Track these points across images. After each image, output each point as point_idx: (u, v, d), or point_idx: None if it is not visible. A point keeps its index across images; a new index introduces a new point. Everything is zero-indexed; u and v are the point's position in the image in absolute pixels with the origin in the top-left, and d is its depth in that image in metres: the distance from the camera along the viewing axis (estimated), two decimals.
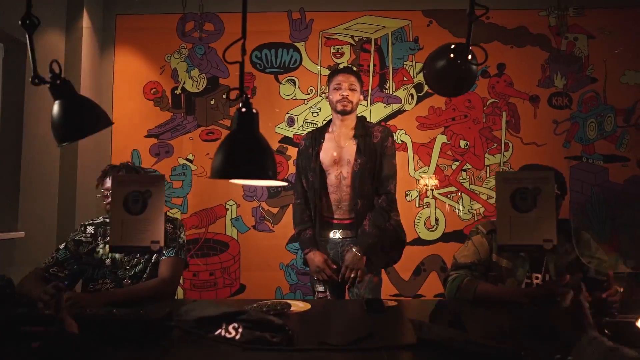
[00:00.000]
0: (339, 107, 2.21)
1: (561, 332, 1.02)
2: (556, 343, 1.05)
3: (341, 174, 2.24)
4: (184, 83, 3.49)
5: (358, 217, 2.20)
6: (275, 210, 3.41)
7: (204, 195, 3.43)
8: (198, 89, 3.49)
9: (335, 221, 2.26)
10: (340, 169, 2.24)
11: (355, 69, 2.62)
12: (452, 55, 1.25)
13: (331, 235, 2.26)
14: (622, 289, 1.44)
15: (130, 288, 1.76)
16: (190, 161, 3.45)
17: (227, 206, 3.43)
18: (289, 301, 1.59)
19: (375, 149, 2.22)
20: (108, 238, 1.88)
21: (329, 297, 2.22)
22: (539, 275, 1.75)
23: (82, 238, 1.91)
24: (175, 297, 1.95)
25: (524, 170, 2.07)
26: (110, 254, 1.89)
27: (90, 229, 1.94)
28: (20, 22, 1.22)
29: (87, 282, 1.89)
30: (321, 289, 2.21)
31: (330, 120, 2.36)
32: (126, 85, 3.50)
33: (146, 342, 1.15)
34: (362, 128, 2.28)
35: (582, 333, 0.89)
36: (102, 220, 1.98)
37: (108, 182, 1.93)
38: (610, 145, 3.40)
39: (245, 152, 1.04)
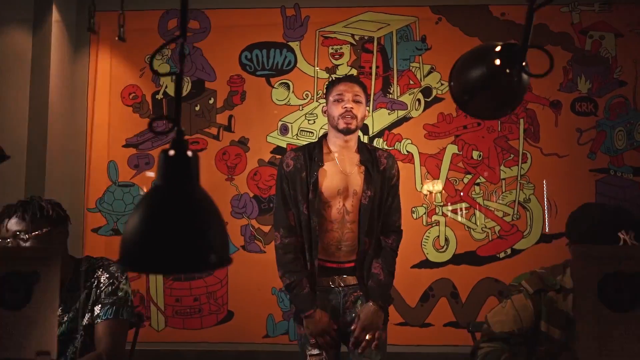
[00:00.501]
0: (342, 124, 1.82)
1: None
2: None
3: (344, 208, 1.85)
4: (166, 87, 3.15)
5: (361, 260, 1.85)
6: (266, 228, 3.07)
7: None
8: (181, 93, 3.14)
9: (333, 265, 1.88)
10: (344, 201, 1.86)
11: (357, 76, 2.32)
12: (497, 62, 0.88)
13: (330, 283, 1.87)
14: None
15: None
16: None
17: None
18: None
19: (383, 179, 1.90)
20: None
21: None
22: None
23: None
24: (154, 328, 1.57)
25: (622, 246, 1.29)
26: None
27: None
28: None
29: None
30: (315, 352, 1.81)
31: (324, 136, 1.99)
32: (103, 89, 3.16)
33: None
34: (367, 152, 1.94)
35: None
36: None
37: (12, 225, 1.47)
38: None
39: (172, 228, 0.58)
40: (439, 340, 2.96)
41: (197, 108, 3.14)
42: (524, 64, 0.85)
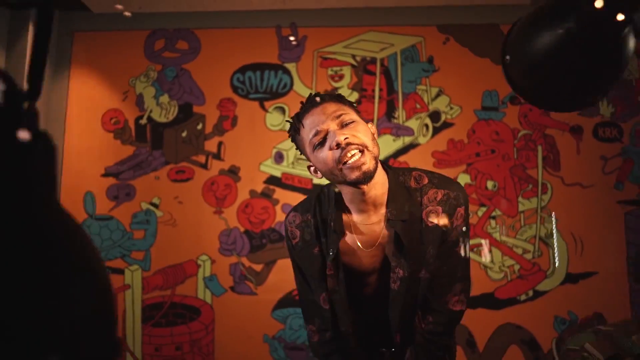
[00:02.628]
0: (351, 173, 1.14)
1: None
2: None
3: (382, 283, 1.29)
4: (151, 111, 2.89)
5: (405, 336, 1.30)
6: (259, 267, 2.75)
7: (171, 249, 2.77)
8: (167, 118, 2.89)
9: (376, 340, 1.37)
10: (379, 276, 1.30)
11: (326, 92, 1.54)
12: (599, 3, 0.58)
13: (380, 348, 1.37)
14: None
15: None
16: (156, 206, 2.81)
17: (200, 262, 2.76)
18: None
19: (432, 240, 1.22)
20: None
21: None
22: None
23: None
24: None
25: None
26: None
27: None
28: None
29: None
30: None
31: (330, 191, 1.34)
32: (82, 113, 2.90)
33: None
34: (402, 196, 1.24)
35: None
36: None
37: None
38: None
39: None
40: None
41: (184, 134, 2.87)
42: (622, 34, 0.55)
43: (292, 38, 2.92)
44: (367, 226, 1.26)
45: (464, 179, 2.78)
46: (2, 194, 0.28)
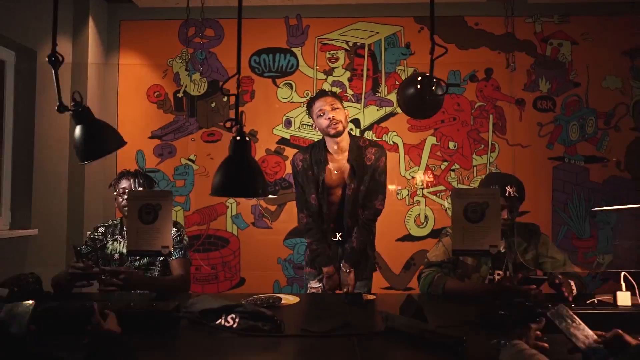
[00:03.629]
0: (332, 131, 2.23)
1: (507, 322, 1.24)
2: (500, 332, 1.28)
3: (342, 194, 2.34)
4: (186, 87, 3.66)
5: (345, 234, 2.36)
6: (273, 208, 3.60)
7: (205, 194, 3.60)
8: (199, 92, 3.66)
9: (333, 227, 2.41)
10: (341, 190, 2.34)
11: (327, 90, 2.70)
12: (419, 86, 1.42)
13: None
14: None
15: (157, 278, 2.08)
16: (193, 161, 3.62)
17: (228, 204, 3.61)
18: (280, 295, 1.79)
19: (367, 172, 2.30)
20: (116, 236, 2.20)
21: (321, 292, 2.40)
22: (501, 272, 1.97)
23: (95, 236, 2.21)
24: (190, 281, 2.18)
25: (475, 187, 2.05)
26: (118, 250, 2.18)
27: (101, 230, 2.24)
28: (47, 59, 1.41)
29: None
30: (316, 285, 2.38)
31: (322, 141, 2.38)
32: (130, 88, 3.66)
33: (159, 331, 1.37)
34: (357, 149, 2.33)
35: (508, 341, 1.09)
36: (110, 223, 2.26)
37: (123, 183, 2.17)
38: (591, 147, 3.58)
39: (240, 175, 1.29)
40: None
41: (213, 105, 3.65)
42: (433, 88, 1.38)
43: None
44: (337, 161, 2.34)
45: (431, 140, 3.60)
46: (245, 153, 1.14)
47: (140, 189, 2.13)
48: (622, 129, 3.57)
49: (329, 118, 2.22)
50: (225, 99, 3.65)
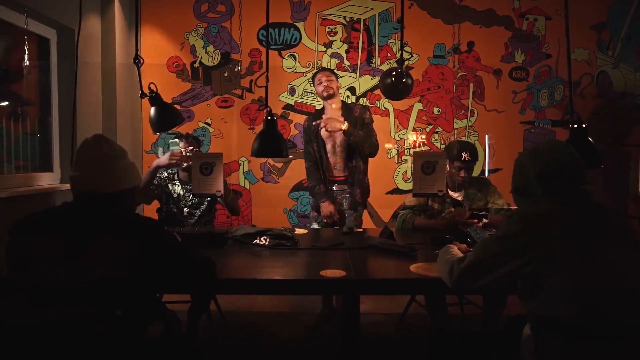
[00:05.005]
0: (324, 94, 2.93)
1: (449, 241, 1.84)
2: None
3: (335, 144, 2.96)
4: (201, 58, 4.13)
5: (350, 174, 2.98)
6: (279, 165, 4.15)
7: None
8: (213, 63, 4.13)
9: (333, 178, 3.02)
10: (334, 140, 2.96)
11: (326, 67, 3.32)
12: (392, 79, 1.95)
13: (333, 187, 3.02)
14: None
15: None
16: (209, 124, 4.15)
17: (240, 162, 4.16)
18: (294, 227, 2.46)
19: (356, 122, 2.93)
20: (175, 180, 2.81)
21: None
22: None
23: (161, 176, 2.81)
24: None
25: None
26: (176, 192, 2.79)
27: (165, 174, 2.83)
28: (132, 60, 1.98)
29: (162, 205, 2.82)
30: (316, 226, 2.98)
31: (323, 107, 3.05)
32: (152, 59, 4.13)
33: (215, 246, 2.01)
34: (346, 108, 3.00)
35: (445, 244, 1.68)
36: (171, 170, 2.84)
37: (181, 143, 2.71)
38: (559, 112, 4.08)
39: (271, 143, 1.91)
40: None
41: (226, 74, 4.13)
42: (403, 80, 1.90)
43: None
44: (332, 119, 2.87)
45: (418, 106, 4.10)
46: (274, 128, 1.69)
47: (190, 147, 2.70)
48: (586, 97, 4.06)
49: (324, 85, 2.91)
50: (237, 68, 4.12)
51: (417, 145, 4.10)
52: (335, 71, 3.09)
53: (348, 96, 4.07)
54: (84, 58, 3.84)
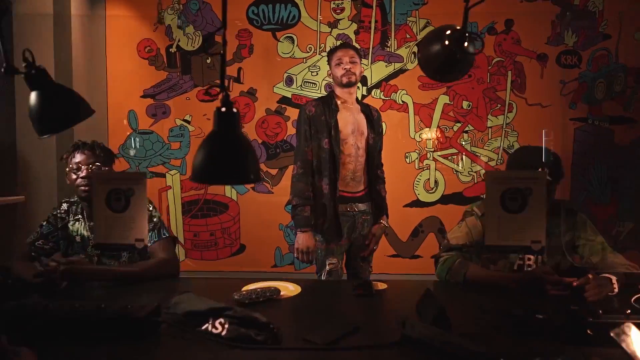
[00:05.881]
0: (344, 80, 2.28)
1: (547, 329, 1.06)
2: (539, 344, 1.08)
3: (356, 144, 2.30)
4: (179, 41, 3.38)
5: (369, 189, 2.36)
6: (274, 171, 3.40)
7: None
8: (193, 46, 3.38)
9: (348, 194, 2.30)
10: (356, 139, 2.30)
11: (350, 43, 2.64)
12: (447, 42, 1.18)
13: (347, 209, 2.29)
14: (592, 277, 1.43)
15: (134, 269, 1.74)
16: (188, 122, 3.40)
17: None
18: (279, 285, 1.59)
19: (377, 126, 2.42)
20: (78, 216, 1.97)
21: (339, 269, 2.27)
22: (532, 257, 1.75)
23: (57, 213, 1.98)
24: (178, 261, 1.97)
25: (515, 170, 1.74)
26: (79, 232, 1.95)
27: (64, 206, 1.99)
28: None
29: (64, 255, 1.93)
30: (334, 260, 2.24)
31: (332, 92, 2.40)
32: (119, 43, 3.39)
33: (133, 338, 1.15)
34: (363, 106, 2.42)
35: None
36: (75, 199, 1.99)
37: (77, 157, 1.88)
38: (618, 107, 3.30)
39: (225, 156, 0.97)
40: (427, 270, 3.32)
41: (209, 60, 3.38)
42: (465, 45, 1.12)
43: None
44: (350, 110, 2.34)
45: (443, 100, 3.33)
46: (233, 128, 0.91)
47: (98, 164, 1.86)
48: None
49: (345, 68, 2.28)
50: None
51: (437, 144, 3.33)
52: (360, 50, 2.44)
53: (358, 87, 3.31)
54: (30, 41, 3.11)
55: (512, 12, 3.29)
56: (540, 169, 1.63)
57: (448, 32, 1.19)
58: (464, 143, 3.34)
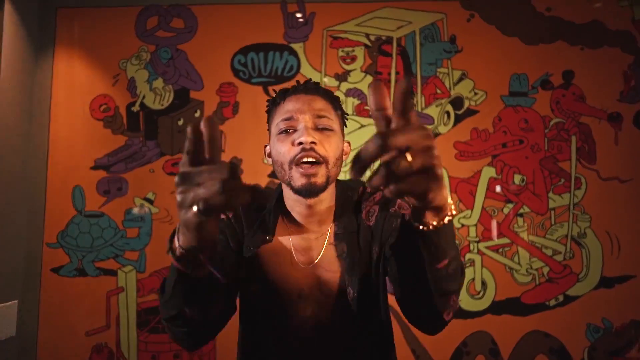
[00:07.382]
0: (298, 179, 1.02)
1: None
2: None
3: (309, 319, 1.10)
4: (144, 97, 2.63)
5: None
6: None
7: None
8: (162, 104, 2.63)
9: None
10: (309, 308, 1.10)
11: (318, 83, 1.17)
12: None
13: None
14: None
15: None
16: (151, 201, 2.57)
17: None
18: None
19: (372, 241, 1.10)
20: None
21: None
22: None
23: None
24: None
25: None
26: None
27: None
28: None
29: None
30: None
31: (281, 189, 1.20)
32: (68, 99, 2.64)
33: None
34: (350, 211, 1.13)
35: None
36: None
37: None
38: None
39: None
40: None
41: (181, 122, 2.61)
42: None
43: (299, 15, 2.63)
44: (305, 240, 1.12)
45: (488, 173, 2.52)
46: None
47: None
48: None
49: (300, 143, 1.01)
50: (197, 113, 2.61)
51: (483, 232, 2.48)
52: (339, 100, 1.18)
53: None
54: None
55: (572, 63, 2.57)
56: None
57: None
58: (518, 230, 2.49)
